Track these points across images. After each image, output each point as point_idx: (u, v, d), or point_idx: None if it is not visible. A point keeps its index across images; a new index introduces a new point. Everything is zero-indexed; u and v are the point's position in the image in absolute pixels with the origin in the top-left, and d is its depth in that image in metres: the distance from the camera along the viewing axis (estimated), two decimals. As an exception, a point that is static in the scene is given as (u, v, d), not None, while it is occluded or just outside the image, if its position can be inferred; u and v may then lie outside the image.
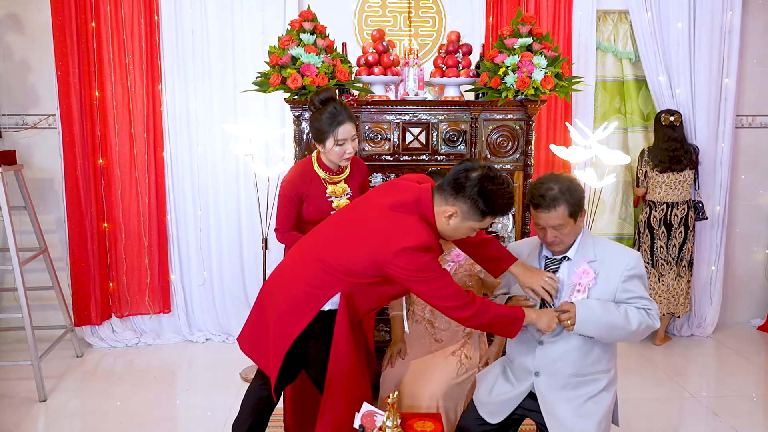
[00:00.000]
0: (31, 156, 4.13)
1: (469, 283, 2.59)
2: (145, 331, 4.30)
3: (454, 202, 1.96)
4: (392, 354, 2.57)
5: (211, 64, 4.07)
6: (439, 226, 2.01)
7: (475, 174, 1.94)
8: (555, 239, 2.10)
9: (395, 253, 1.92)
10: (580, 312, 2.03)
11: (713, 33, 4.15)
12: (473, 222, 1.99)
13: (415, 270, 1.92)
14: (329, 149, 2.52)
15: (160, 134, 4.08)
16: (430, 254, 1.95)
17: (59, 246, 4.19)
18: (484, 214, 1.96)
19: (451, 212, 1.97)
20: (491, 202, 1.94)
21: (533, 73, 3.03)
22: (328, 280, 2.04)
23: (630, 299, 2.08)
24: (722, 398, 3.51)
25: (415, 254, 1.91)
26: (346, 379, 2.10)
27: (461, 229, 2.02)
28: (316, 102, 2.50)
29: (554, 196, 2.04)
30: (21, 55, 4.05)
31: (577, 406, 2.09)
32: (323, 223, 2.23)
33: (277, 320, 2.11)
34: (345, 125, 2.48)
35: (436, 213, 2.00)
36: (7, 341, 4.20)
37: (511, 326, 2.04)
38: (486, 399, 2.22)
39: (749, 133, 4.50)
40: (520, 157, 3.23)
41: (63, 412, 3.31)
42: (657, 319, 2.09)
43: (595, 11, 4.14)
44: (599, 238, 2.21)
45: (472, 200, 1.93)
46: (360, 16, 3.70)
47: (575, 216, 2.08)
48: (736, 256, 4.60)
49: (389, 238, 1.95)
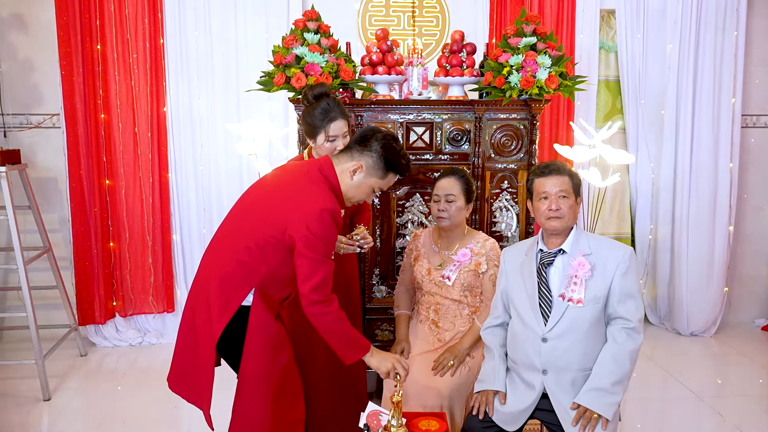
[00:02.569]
0: (35, 155, 4.14)
1: (474, 284, 2.58)
2: (149, 330, 4.31)
3: (360, 157, 2.07)
4: (396, 354, 2.57)
5: (215, 64, 4.07)
6: (344, 186, 2.08)
7: (380, 133, 2.10)
8: (559, 209, 2.15)
9: (306, 213, 1.95)
10: (594, 405, 2.02)
11: (719, 32, 4.15)
12: (376, 179, 2.08)
13: (315, 235, 1.93)
14: (320, 145, 2.47)
15: (164, 134, 4.09)
16: (334, 227, 1.98)
17: (63, 245, 4.20)
18: (387, 169, 2.08)
19: (356, 166, 2.06)
20: (394, 158, 2.07)
21: (537, 72, 3.02)
22: (240, 275, 1.99)
23: (620, 300, 2.10)
24: (726, 398, 3.50)
25: (323, 217, 1.94)
26: (257, 378, 2.03)
27: (363, 187, 2.09)
28: (310, 96, 2.46)
29: (561, 166, 2.20)
30: (25, 54, 4.06)
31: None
32: (228, 215, 2.19)
33: (202, 328, 2.04)
34: (337, 122, 2.43)
35: (340, 172, 2.08)
36: (12, 340, 4.22)
37: (352, 351, 2.06)
38: (500, 408, 2.19)
39: (755, 133, 4.49)
40: (524, 157, 3.23)
41: (67, 411, 3.32)
42: (639, 331, 2.09)
43: (599, 11, 4.14)
44: (590, 234, 2.25)
45: (377, 154, 2.06)
46: (364, 15, 3.70)
47: (576, 192, 2.18)
48: (740, 255, 4.59)
49: (303, 200, 1.99)
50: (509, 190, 3.24)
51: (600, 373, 2.06)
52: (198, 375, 2.07)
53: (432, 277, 2.61)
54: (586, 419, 2.01)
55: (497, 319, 2.36)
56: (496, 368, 2.26)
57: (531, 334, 2.16)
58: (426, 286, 2.63)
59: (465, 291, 2.58)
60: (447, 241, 2.65)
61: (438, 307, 2.62)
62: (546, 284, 2.18)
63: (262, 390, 2.04)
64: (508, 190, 3.24)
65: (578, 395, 2.07)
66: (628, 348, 2.07)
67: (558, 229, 2.17)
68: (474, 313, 2.61)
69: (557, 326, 2.11)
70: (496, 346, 2.31)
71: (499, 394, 2.21)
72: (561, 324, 2.11)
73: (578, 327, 2.10)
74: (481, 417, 2.19)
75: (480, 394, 2.24)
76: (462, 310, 2.61)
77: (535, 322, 2.15)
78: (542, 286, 2.18)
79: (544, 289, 2.17)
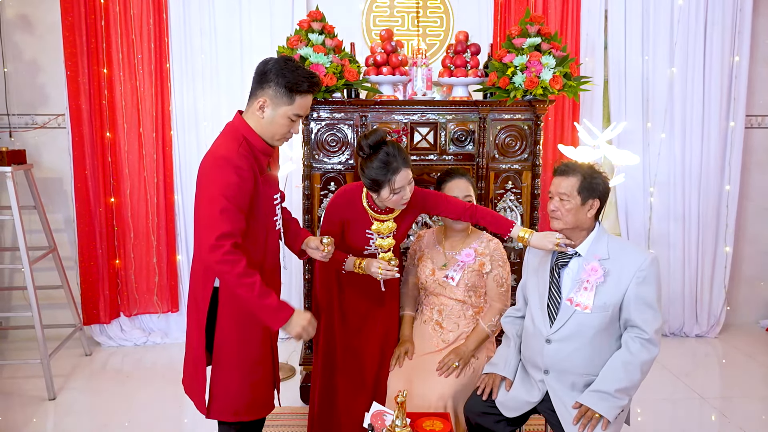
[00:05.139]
0: (40, 155, 4.16)
1: (478, 284, 2.59)
2: (154, 330, 4.32)
3: (261, 93, 1.99)
4: (400, 354, 2.57)
5: (220, 64, 4.08)
6: (259, 128, 2.02)
7: (272, 61, 2.00)
8: (555, 210, 2.15)
9: (208, 162, 1.94)
10: (596, 406, 2.01)
11: (724, 32, 4.14)
12: (285, 106, 1.99)
13: (215, 184, 1.89)
14: (385, 198, 2.28)
15: (169, 134, 4.10)
16: (237, 177, 1.91)
17: (68, 245, 4.21)
18: (290, 91, 1.97)
19: (261, 102, 1.99)
20: (292, 77, 1.96)
21: (542, 73, 3.02)
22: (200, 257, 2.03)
23: (637, 310, 2.05)
24: (730, 399, 3.50)
25: (225, 165, 1.90)
26: (236, 345, 2.07)
27: (278, 120, 2.00)
28: (365, 147, 2.24)
29: (573, 167, 2.15)
30: (30, 54, 4.07)
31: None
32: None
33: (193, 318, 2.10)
34: (401, 172, 2.22)
35: (249, 117, 2.02)
36: (17, 340, 4.24)
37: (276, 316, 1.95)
38: (503, 397, 2.23)
39: (759, 134, 4.48)
40: (529, 157, 3.23)
41: (72, 411, 3.33)
42: (655, 343, 2.04)
43: (603, 11, 4.13)
44: (616, 238, 2.21)
45: (275, 81, 1.96)
46: (368, 16, 3.71)
47: (584, 196, 2.11)
48: (745, 256, 4.58)
49: (205, 157, 1.99)
50: (513, 190, 3.24)
51: (607, 377, 2.05)
52: (197, 371, 2.11)
53: (436, 277, 2.61)
54: (587, 418, 2.01)
55: (518, 311, 2.39)
56: (510, 356, 2.29)
57: (537, 334, 2.17)
58: (430, 286, 2.64)
59: (469, 291, 2.58)
60: (451, 242, 2.65)
61: (442, 307, 2.62)
62: (557, 286, 2.18)
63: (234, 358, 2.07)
64: (512, 191, 3.24)
65: (582, 395, 2.07)
66: (641, 358, 2.03)
67: (557, 228, 2.18)
68: (478, 314, 2.61)
69: (562, 329, 2.11)
70: (513, 336, 2.34)
71: (506, 381, 2.24)
72: (566, 327, 2.11)
73: (583, 332, 2.09)
74: (485, 398, 2.21)
75: (488, 375, 2.27)
76: (466, 310, 2.61)
77: (542, 322, 2.16)
78: (553, 287, 2.19)
79: (555, 291, 2.18)
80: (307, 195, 3.17)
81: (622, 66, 4.17)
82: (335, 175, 3.17)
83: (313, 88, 2.02)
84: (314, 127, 3.13)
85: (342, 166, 3.18)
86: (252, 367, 2.10)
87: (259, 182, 2.02)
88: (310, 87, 2.00)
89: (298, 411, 3.25)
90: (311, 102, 2.08)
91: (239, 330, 2.06)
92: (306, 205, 3.17)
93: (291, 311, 1.96)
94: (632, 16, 4.15)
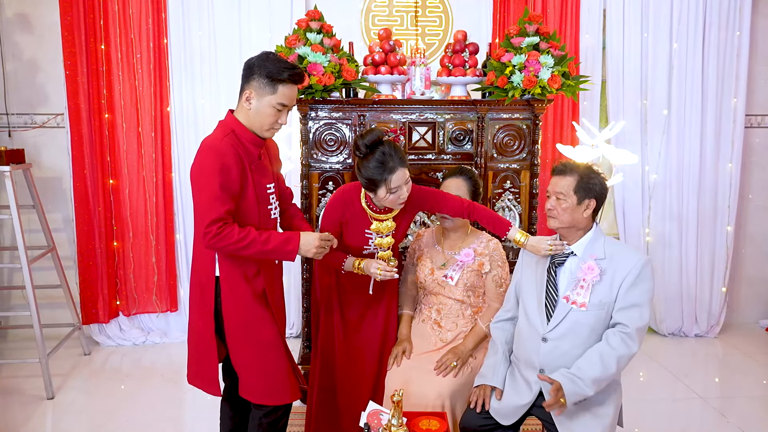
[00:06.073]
0: (39, 155, 4.16)
1: (477, 284, 2.58)
2: (153, 330, 4.32)
3: (248, 86, 2.10)
4: (398, 353, 2.57)
5: (218, 64, 4.08)
6: (247, 120, 2.12)
7: (256, 56, 2.12)
8: (552, 209, 2.18)
9: (197, 153, 2.08)
10: (567, 387, 2.02)
11: (723, 32, 4.14)
12: (269, 96, 2.07)
13: (201, 170, 2.03)
14: (382, 197, 2.28)
15: (168, 133, 4.10)
16: (220, 161, 2.02)
17: (67, 244, 4.21)
18: (272, 81, 2.06)
19: (248, 94, 2.09)
20: (273, 67, 2.06)
21: (540, 72, 3.02)
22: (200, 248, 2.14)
23: (623, 308, 2.07)
24: (729, 399, 3.49)
25: (208, 151, 2.03)
26: (243, 329, 2.16)
27: (264, 110, 2.09)
28: (362, 146, 2.24)
29: (570, 167, 2.17)
30: (29, 54, 4.08)
31: (582, 407, 2.10)
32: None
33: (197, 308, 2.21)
34: (398, 171, 2.22)
35: (238, 111, 2.14)
36: (16, 339, 4.24)
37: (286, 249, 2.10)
38: (496, 405, 2.24)
39: (759, 133, 4.48)
40: (527, 157, 3.23)
41: (70, 410, 3.33)
42: (635, 340, 2.04)
43: (602, 10, 4.12)
44: (612, 239, 2.23)
45: (258, 72, 2.06)
46: (367, 15, 3.70)
47: (580, 196, 2.14)
48: (744, 256, 4.58)
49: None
50: (512, 190, 3.24)
51: (583, 365, 2.05)
52: (204, 356, 2.19)
53: (435, 276, 2.60)
54: (555, 398, 2.02)
55: (508, 313, 2.39)
56: (497, 365, 2.30)
57: (533, 332, 2.18)
58: (429, 285, 2.63)
59: (468, 291, 2.58)
60: (450, 241, 2.65)
61: (441, 307, 2.62)
62: (554, 284, 2.20)
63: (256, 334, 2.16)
64: (510, 190, 3.24)
65: (557, 373, 2.07)
66: (619, 352, 2.04)
67: (553, 227, 2.21)
68: (477, 314, 2.61)
69: (558, 327, 2.12)
70: (501, 343, 2.34)
71: (496, 391, 2.25)
72: (562, 325, 2.12)
73: (579, 330, 2.11)
74: (478, 410, 2.24)
75: (479, 388, 2.29)
76: (465, 310, 2.60)
77: (539, 321, 2.17)
78: (550, 286, 2.20)
79: (552, 289, 2.20)
80: (305, 194, 3.17)
81: (620, 65, 4.17)
82: (333, 175, 3.17)
83: (294, 78, 2.09)
84: (312, 126, 3.13)
85: (340, 166, 3.17)
86: (265, 350, 2.18)
87: (249, 170, 2.11)
88: (291, 77, 2.08)
89: (296, 410, 3.23)
90: (296, 93, 2.15)
91: (243, 314, 2.15)
92: (304, 204, 3.17)
93: (296, 238, 2.11)
94: (631, 15, 4.14)
